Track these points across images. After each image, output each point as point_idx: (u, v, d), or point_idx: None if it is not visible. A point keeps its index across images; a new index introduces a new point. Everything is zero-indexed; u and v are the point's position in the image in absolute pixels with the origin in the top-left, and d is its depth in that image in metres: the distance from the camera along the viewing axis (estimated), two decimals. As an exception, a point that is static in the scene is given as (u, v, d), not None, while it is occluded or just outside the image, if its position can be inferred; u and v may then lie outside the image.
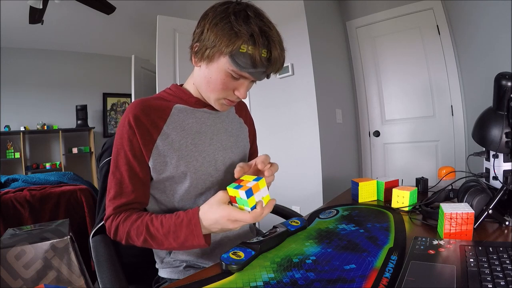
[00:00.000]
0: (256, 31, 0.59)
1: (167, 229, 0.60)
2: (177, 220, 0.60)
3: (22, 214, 1.71)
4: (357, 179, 0.97)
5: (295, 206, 2.23)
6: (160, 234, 0.61)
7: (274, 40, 0.62)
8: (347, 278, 0.47)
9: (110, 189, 0.67)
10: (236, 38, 0.59)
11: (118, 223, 0.64)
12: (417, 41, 2.43)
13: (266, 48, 0.61)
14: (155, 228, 0.61)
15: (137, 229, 0.62)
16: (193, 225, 0.58)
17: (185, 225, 0.59)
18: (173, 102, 0.73)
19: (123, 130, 0.67)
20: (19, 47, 3.74)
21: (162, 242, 0.61)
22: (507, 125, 0.65)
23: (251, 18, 0.60)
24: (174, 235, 0.60)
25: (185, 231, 0.59)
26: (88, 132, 4.28)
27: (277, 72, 0.67)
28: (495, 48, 1.58)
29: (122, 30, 3.65)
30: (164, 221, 0.61)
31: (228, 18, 0.60)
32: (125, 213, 0.65)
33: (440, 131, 2.39)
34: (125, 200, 0.66)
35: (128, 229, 0.63)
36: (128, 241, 0.64)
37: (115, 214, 0.66)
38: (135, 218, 0.63)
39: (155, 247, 0.64)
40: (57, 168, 3.91)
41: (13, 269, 0.44)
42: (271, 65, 0.63)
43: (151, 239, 0.62)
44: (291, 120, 2.34)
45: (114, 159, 0.68)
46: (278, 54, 0.62)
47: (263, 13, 0.64)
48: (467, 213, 0.57)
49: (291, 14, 2.27)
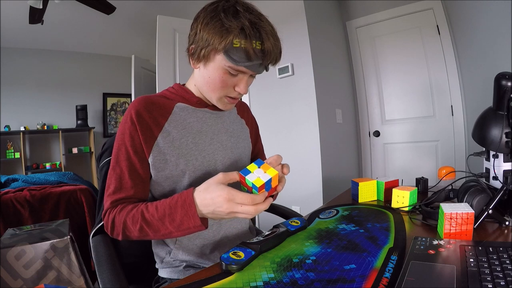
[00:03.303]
0: (246, 24, 0.59)
1: (162, 212, 0.60)
2: (172, 201, 0.60)
3: (22, 214, 1.71)
4: (357, 179, 0.97)
5: (295, 206, 2.23)
6: (156, 219, 0.60)
7: (266, 31, 0.62)
8: (347, 278, 0.47)
9: (110, 185, 0.67)
10: (228, 34, 0.59)
11: (115, 215, 0.63)
12: (417, 41, 2.43)
13: (258, 39, 0.61)
14: (150, 214, 0.60)
15: (132, 217, 0.61)
16: (188, 204, 0.58)
17: (180, 205, 0.58)
18: (175, 101, 0.74)
19: (125, 126, 0.67)
20: (19, 47, 3.74)
21: (158, 228, 0.60)
22: (507, 125, 0.65)
23: (241, 12, 0.61)
24: (170, 218, 0.59)
25: (180, 212, 0.58)
26: (88, 132, 4.28)
27: (275, 63, 0.67)
28: (495, 48, 1.58)
29: (122, 30, 3.65)
30: (159, 206, 0.61)
31: (218, 16, 0.61)
32: (121, 205, 0.65)
33: (440, 131, 2.39)
34: (123, 195, 0.66)
35: (124, 219, 0.62)
36: (125, 232, 0.63)
37: (112, 208, 0.65)
38: (130, 208, 0.63)
39: (151, 236, 0.62)
40: (57, 168, 3.91)
41: (13, 269, 0.44)
42: (266, 56, 0.63)
43: (147, 226, 0.60)
44: (291, 120, 2.34)
45: (115, 155, 0.68)
46: (271, 44, 0.62)
47: (253, 7, 0.65)
48: (467, 213, 0.57)
49: (291, 14, 2.27)
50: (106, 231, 0.66)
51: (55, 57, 4.06)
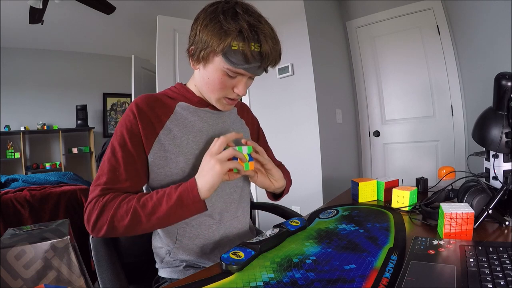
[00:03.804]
0: (244, 27, 0.59)
1: (161, 193, 0.61)
2: (173, 185, 0.63)
3: (22, 214, 1.71)
4: (357, 179, 0.97)
5: (295, 206, 2.23)
6: (153, 200, 0.60)
7: (265, 33, 0.62)
8: (347, 278, 0.47)
9: (101, 175, 0.63)
10: (226, 36, 0.60)
11: (105, 201, 0.60)
12: (417, 41, 2.43)
13: (256, 42, 0.61)
14: (148, 196, 0.61)
15: (127, 203, 0.59)
16: (188, 182, 0.61)
17: (180, 186, 0.61)
18: (177, 100, 0.74)
19: (125, 119, 0.67)
20: (19, 47, 3.74)
21: (154, 210, 0.59)
22: (507, 125, 0.65)
23: (240, 14, 0.61)
24: (168, 197, 0.60)
25: (180, 189, 0.60)
26: (88, 132, 4.29)
27: (274, 65, 0.67)
28: (495, 48, 1.58)
29: (122, 30, 3.65)
30: (159, 190, 0.62)
31: (217, 18, 0.61)
32: (113, 193, 0.62)
33: (440, 131, 2.39)
34: (117, 187, 0.63)
35: (117, 204, 0.59)
36: (113, 221, 0.58)
37: (102, 195, 0.61)
38: (125, 195, 0.61)
39: (144, 222, 0.58)
40: (57, 168, 3.91)
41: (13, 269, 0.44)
42: (264, 58, 0.63)
43: (142, 208, 0.59)
44: (291, 120, 2.34)
45: (112, 145, 0.66)
46: (269, 47, 0.62)
47: (252, 8, 0.65)
48: (467, 213, 0.57)
49: (291, 14, 2.27)
50: (86, 226, 0.61)
51: (55, 57, 4.06)
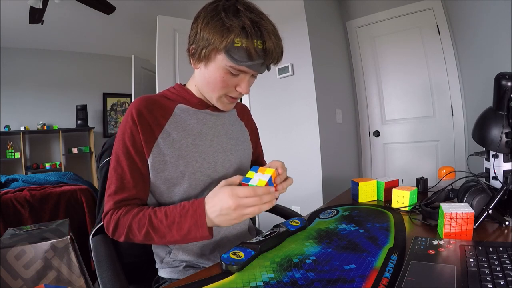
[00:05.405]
0: (247, 23, 0.59)
1: (171, 220, 0.60)
2: (182, 210, 0.60)
3: (22, 214, 1.71)
4: (357, 179, 0.97)
5: (295, 206, 2.23)
6: (164, 225, 0.60)
7: (268, 29, 0.61)
8: (347, 278, 0.47)
9: (111, 185, 0.66)
10: (228, 33, 0.59)
11: (119, 217, 0.63)
12: (417, 41, 2.43)
13: (259, 39, 0.61)
14: (158, 220, 0.60)
15: (139, 221, 0.61)
16: (198, 215, 0.58)
17: (190, 215, 0.59)
18: (176, 102, 0.74)
19: (125, 125, 0.67)
20: (19, 47, 3.74)
21: (164, 235, 0.61)
22: (507, 125, 0.65)
23: (241, 11, 0.60)
24: (178, 226, 0.59)
25: (190, 222, 0.59)
26: (88, 132, 4.28)
27: (277, 62, 0.67)
28: (495, 48, 1.58)
29: (122, 30, 3.64)
30: (168, 212, 0.61)
31: (219, 15, 0.60)
32: (125, 207, 0.64)
33: (440, 131, 2.39)
34: (126, 195, 0.65)
35: (129, 222, 0.62)
36: (129, 235, 0.62)
37: (115, 209, 0.64)
38: (136, 211, 0.63)
39: (156, 241, 0.62)
40: (57, 168, 3.91)
41: (13, 269, 0.44)
42: (267, 55, 0.63)
43: (154, 231, 0.61)
44: (291, 120, 2.34)
45: (116, 154, 0.67)
46: (273, 44, 0.62)
47: (253, 6, 0.64)
48: (467, 213, 0.57)
49: (291, 14, 2.27)
50: (107, 232, 0.65)
51: (55, 57, 4.06)
